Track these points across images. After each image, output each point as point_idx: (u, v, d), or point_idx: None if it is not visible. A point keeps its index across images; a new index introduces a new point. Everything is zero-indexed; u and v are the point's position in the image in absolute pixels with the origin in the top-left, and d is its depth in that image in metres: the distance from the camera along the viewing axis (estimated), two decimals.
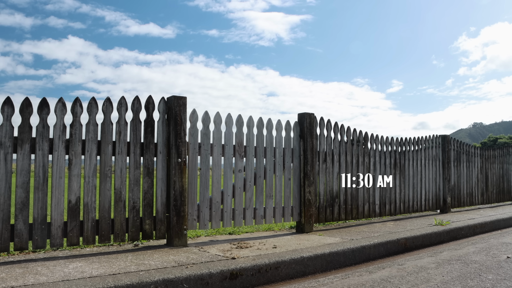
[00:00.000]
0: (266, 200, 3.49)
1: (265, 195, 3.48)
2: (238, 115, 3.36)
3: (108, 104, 2.73)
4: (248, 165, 3.42)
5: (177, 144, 2.90)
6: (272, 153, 3.55)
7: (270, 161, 3.54)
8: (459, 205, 6.13)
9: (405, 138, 5.13)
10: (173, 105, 2.91)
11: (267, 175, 3.51)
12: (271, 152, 3.54)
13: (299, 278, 2.56)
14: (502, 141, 69.19)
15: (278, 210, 3.57)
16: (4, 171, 2.37)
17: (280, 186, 3.59)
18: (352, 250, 2.95)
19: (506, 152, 7.69)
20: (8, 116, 2.40)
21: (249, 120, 3.41)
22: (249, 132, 3.41)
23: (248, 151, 3.40)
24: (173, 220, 2.85)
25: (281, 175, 3.59)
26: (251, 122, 3.42)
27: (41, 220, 2.47)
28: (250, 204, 3.37)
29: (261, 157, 3.47)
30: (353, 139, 4.38)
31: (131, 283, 1.93)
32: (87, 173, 2.64)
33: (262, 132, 3.50)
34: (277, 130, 3.59)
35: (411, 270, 2.69)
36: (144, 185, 2.86)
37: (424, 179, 5.39)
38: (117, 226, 2.72)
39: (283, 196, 3.62)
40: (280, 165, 3.59)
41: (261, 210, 3.46)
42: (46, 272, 2.08)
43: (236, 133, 3.34)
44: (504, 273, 2.61)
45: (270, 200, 3.51)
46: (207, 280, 2.17)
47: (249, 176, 3.40)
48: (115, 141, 2.76)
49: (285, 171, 3.64)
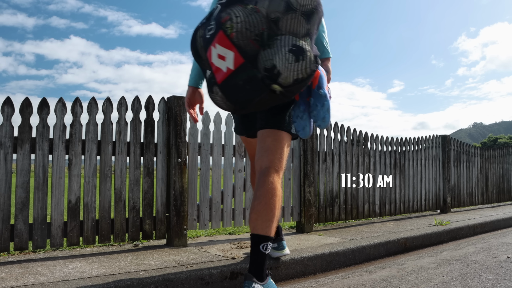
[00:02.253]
0: None
1: None
2: None
3: (108, 104, 2.73)
4: (248, 165, 3.41)
5: (177, 144, 2.90)
6: None
7: None
8: (459, 205, 6.13)
9: (405, 138, 5.14)
10: (173, 105, 2.92)
11: None
12: None
13: (299, 278, 2.56)
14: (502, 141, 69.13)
15: None
16: (4, 171, 2.37)
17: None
18: (352, 250, 2.95)
19: (506, 152, 7.69)
20: (8, 116, 2.40)
21: None
22: None
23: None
24: (173, 220, 2.85)
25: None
26: None
27: (41, 220, 2.47)
28: (250, 204, 3.37)
29: None
30: (353, 139, 4.38)
31: (131, 283, 1.93)
32: (87, 173, 2.64)
33: None
34: None
35: (411, 270, 2.69)
36: (144, 185, 2.86)
37: (424, 179, 5.39)
38: (117, 226, 2.72)
39: (283, 196, 3.62)
40: None
41: None
42: (46, 272, 2.08)
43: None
44: (504, 273, 2.61)
45: None
46: (207, 280, 2.17)
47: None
48: (115, 141, 2.76)
49: (285, 171, 3.64)
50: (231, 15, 1.58)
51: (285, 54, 1.54)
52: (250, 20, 1.56)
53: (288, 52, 1.54)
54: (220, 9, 1.63)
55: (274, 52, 1.55)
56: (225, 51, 1.59)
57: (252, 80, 1.58)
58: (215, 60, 1.64)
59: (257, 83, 1.58)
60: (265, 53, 1.56)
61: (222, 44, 1.59)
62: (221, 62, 1.62)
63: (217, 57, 1.62)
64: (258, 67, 1.57)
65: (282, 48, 1.55)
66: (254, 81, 1.58)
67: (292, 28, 1.58)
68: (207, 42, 1.66)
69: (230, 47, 1.57)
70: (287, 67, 1.54)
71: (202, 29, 1.72)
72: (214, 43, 1.62)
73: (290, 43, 1.56)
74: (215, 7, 1.69)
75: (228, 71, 1.60)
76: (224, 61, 1.61)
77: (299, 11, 1.57)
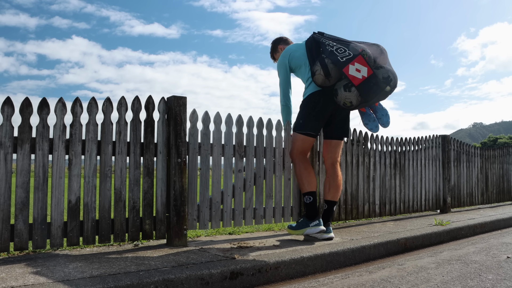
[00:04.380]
0: (266, 200, 3.49)
1: (265, 195, 3.48)
2: (238, 115, 3.36)
3: (108, 104, 2.73)
4: (248, 165, 3.41)
5: (177, 144, 2.90)
6: (272, 153, 3.55)
7: (270, 161, 3.54)
8: (459, 205, 6.13)
9: (405, 138, 5.14)
10: (173, 105, 2.92)
11: (267, 175, 3.51)
12: (271, 152, 3.54)
13: (299, 278, 2.56)
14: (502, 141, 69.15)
15: (278, 210, 3.57)
16: (4, 171, 2.37)
17: (280, 186, 3.59)
18: (352, 250, 2.95)
19: (506, 152, 7.69)
20: (8, 116, 2.40)
21: (249, 120, 3.41)
22: (249, 132, 3.41)
23: (248, 151, 3.40)
24: (173, 220, 2.85)
25: (281, 175, 3.59)
26: (251, 122, 3.42)
27: (41, 220, 2.47)
28: (250, 204, 3.38)
29: (261, 157, 3.47)
30: (353, 139, 4.38)
31: (131, 283, 1.94)
32: (87, 173, 2.64)
33: (262, 132, 3.50)
34: (277, 130, 3.59)
35: (411, 270, 2.69)
36: (144, 185, 2.86)
37: (424, 179, 5.39)
38: (117, 226, 2.72)
39: (283, 196, 3.62)
40: (280, 165, 3.59)
41: (261, 210, 3.46)
42: (46, 272, 2.08)
43: (236, 133, 3.34)
44: (504, 273, 2.61)
45: (270, 200, 3.51)
46: (207, 280, 2.17)
47: (249, 176, 3.40)
48: (115, 141, 2.76)
49: (285, 171, 3.64)
50: (363, 49, 2.98)
51: (391, 72, 3.02)
52: (369, 56, 2.99)
53: (393, 72, 3.04)
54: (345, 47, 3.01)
55: (385, 71, 2.99)
56: (361, 67, 2.92)
57: (377, 82, 2.95)
58: (353, 72, 2.92)
59: (379, 84, 2.95)
60: (379, 71, 2.97)
61: (360, 63, 2.92)
62: (357, 73, 2.92)
63: (354, 70, 2.92)
64: (378, 77, 2.95)
65: (388, 70, 3.01)
66: (378, 83, 2.95)
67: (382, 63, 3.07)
68: (345, 63, 2.94)
69: (365, 65, 2.93)
70: (395, 77, 3.02)
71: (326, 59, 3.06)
72: (353, 62, 2.92)
73: (389, 68, 3.05)
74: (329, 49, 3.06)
75: (363, 78, 2.92)
76: (359, 72, 2.92)
77: (385, 53, 3.10)
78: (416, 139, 5.30)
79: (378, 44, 3.13)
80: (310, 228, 3.16)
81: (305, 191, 3.26)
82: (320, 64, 3.06)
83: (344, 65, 2.92)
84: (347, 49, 2.97)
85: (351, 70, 2.90)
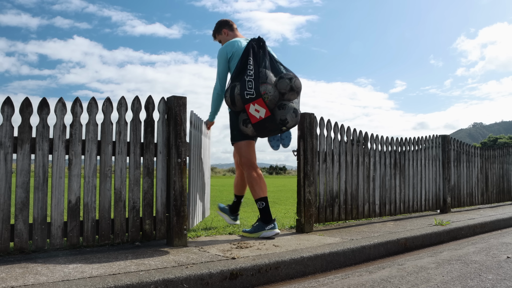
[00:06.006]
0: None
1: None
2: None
3: (108, 104, 2.73)
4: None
5: (177, 144, 2.90)
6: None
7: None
8: (459, 205, 6.13)
9: (405, 138, 5.14)
10: (173, 105, 2.92)
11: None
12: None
13: (299, 278, 2.56)
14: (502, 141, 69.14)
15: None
16: (4, 171, 2.37)
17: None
18: (352, 250, 2.95)
19: (506, 152, 7.69)
20: (8, 116, 2.40)
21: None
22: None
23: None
24: (173, 220, 2.85)
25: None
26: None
27: (41, 220, 2.47)
28: None
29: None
30: (353, 139, 4.38)
31: (131, 283, 1.93)
32: (87, 173, 2.64)
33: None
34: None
35: (411, 270, 2.69)
36: (144, 185, 2.86)
37: (424, 179, 5.39)
38: (117, 226, 2.72)
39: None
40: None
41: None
42: (46, 272, 2.08)
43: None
44: (504, 273, 2.61)
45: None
46: (207, 280, 2.17)
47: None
48: (115, 141, 2.76)
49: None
50: (267, 91, 3.11)
51: (291, 113, 3.18)
52: (274, 96, 3.13)
53: (293, 112, 3.18)
54: (255, 84, 3.11)
55: (286, 112, 3.16)
56: (260, 108, 3.09)
57: (273, 123, 3.16)
58: (252, 111, 3.10)
59: (275, 124, 3.17)
60: (279, 111, 3.15)
61: (259, 105, 3.09)
62: (256, 113, 3.10)
63: (254, 110, 3.10)
64: (276, 118, 3.15)
65: (290, 110, 3.17)
66: (274, 124, 3.16)
67: (290, 98, 3.20)
68: (248, 100, 3.10)
69: (264, 107, 3.10)
70: (293, 118, 3.20)
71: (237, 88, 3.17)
72: (254, 102, 3.09)
73: (293, 107, 3.19)
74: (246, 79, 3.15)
75: (260, 118, 3.11)
76: (258, 113, 3.09)
77: (295, 90, 3.17)
78: (416, 139, 5.30)
79: (295, 77, 3.16)
80: (266, 232, 3.29)
81: (258, 197, 3.35)
82: (231, 90, 3.21)
83: (247, 102, 3.11)
84: (253, 88, 3.10)
85: (251, 109, 3.09)
